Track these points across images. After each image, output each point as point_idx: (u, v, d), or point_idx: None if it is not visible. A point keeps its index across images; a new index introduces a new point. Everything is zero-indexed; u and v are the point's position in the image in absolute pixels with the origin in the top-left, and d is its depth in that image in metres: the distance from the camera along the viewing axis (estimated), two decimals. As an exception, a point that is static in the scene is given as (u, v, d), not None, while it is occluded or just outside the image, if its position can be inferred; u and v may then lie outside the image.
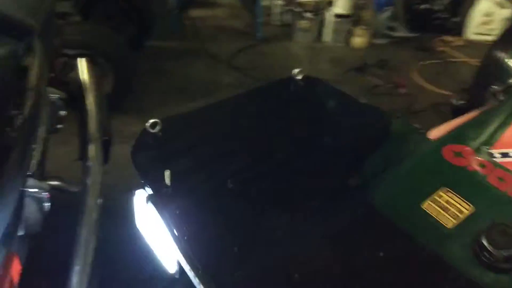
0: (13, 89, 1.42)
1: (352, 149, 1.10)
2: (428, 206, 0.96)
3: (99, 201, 1.34)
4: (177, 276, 1.01)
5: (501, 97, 1.32)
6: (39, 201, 1.17)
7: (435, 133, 1.21)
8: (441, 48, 4.38)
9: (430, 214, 0.93)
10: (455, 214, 0.92)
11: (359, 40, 4.35)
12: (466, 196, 0.94)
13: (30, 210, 1.19)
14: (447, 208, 0.94)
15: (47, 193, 1.19)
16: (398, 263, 0.86)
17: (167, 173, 0.95)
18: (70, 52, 2.30)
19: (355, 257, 0.86)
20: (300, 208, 0.94)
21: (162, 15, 4.01)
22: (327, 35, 4.43)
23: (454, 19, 4.58)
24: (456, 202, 0.94)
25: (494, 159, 1.02)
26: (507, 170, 0.98)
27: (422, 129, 1.25)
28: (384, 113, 1.25)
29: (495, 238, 0.83)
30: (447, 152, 1.07)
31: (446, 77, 3.86)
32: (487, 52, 2.15)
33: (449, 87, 3.55)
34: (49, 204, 1.19)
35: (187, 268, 0.85)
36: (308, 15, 4.37)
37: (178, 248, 0.88)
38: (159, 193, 0.96)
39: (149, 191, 1.00)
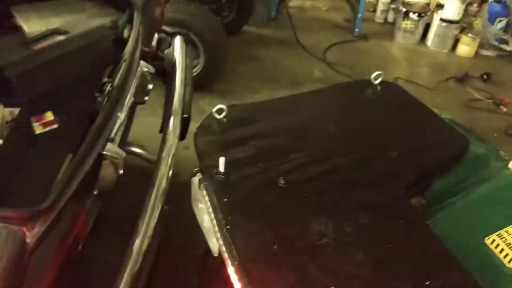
0: (110, 58, 1.53)
1: (419, 167, 1.05)
2: (493, 241, 0.89)
3: (170, 172, 1.42)
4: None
5: None
6: (115, 165, 1.26)
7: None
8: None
9: (491, 250, 0.87)
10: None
11: (464, 48, 4.08)
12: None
13: (106, 172, 1.29)
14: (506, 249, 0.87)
15: (123, 159, 1.28)
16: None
17: (221, 160, 0.97)
18: (168, 29, 2.41)
19: (398, 282, 0.82)
20: (349, 219, 0.92)
21: (262, 2, 4.05)
22: (431, 39, 4.21)
23: None
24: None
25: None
26: None
27: (506, 157, 1.16)
28: (461, 134, 1.16)
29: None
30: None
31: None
32: None
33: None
34: (122, 169, 1.27)
35: (225, 256, 0.87)
36: (414, 15, 4.17)
37: (220, 235, 0.90)
38: (211, 179, 0.98)
39: (203, 175, 1.04)
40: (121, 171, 1.27)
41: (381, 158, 1.06)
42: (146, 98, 1.66)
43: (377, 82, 1.26)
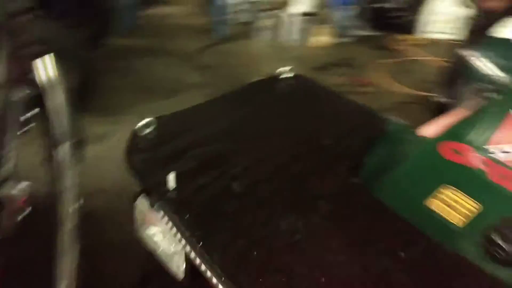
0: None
1: (351, 150, 1.09)
2: (432, 203, 0.97)
3: (78, 203, 1.29)
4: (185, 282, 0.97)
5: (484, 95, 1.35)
6: (14, 205, 1.13)
7: (425, 131, 1.24)
8: (398, 47, 4.51)
9: (436, 212, 0.95)
10: (464, 212, 0.93)
11: (320, 39, 4.40)
12: (471, 194, 0.95)
13: (5, 215, 1.15)
14: (455, 206, 0.95)
15: (23, 197, 1.15)
16: (418, 263, 0.85)
17: (171, 176, 0.91)
18: (31, 49, 2.20)
19: (376, 258, 0.85)
20: (312, 210, 0.92)
21: (122, 11, 3.89)
22: (288, 34, 4.44)
23: (411, 17, 4.71)
24: (463, 200, 0.95)
25: (492, 155, 1.04)
26: (507, 166, 1.01)
27: (413, 127, 1.27)
28: (378, 114, 1.25)
29: (507, 233, 0.85)
30: (445, 150, 1.08)
31: (406, 75, 3.98)
32: (454, 51, 2.22)
33: (412, 85, 3.67)
34: (26, 208, 1.15)
35: (207, 275, 0.82)
36: (268, 13, 4.37)
37: (195, 253, 0.84)
38: (163, 198, 0.92)
39: (150, 196, 0.96)
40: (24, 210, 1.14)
41: (317, 149, 1.09)
42: (30, 126, 1.49)
43: (286, 76, 1.29)
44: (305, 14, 4.35)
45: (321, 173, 1.02)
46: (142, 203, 0.99)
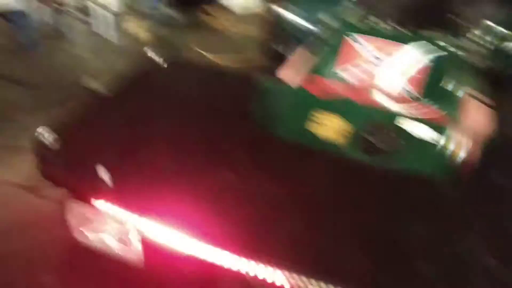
0: None
1: (239, 104, 1.18)
2: (310, 126, 1.13)
3: None
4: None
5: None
6: None
7: (284, 75, 1.41)
8: (210, 20, 4.73)
9: (314, 131, 1.11)
10: (333, 127, 1.12)
11: (136, 30, 4.37)
12: (334, 112, 1.15)
13: None
14: (327, 125, 1.13)
15: None
16: (325, 174, 1.01)
17: (100, 168, 0.91)
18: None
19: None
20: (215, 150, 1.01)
21: None
22: (105, 31, 4.31)
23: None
24: (332, 122, 1.14)
25: (340, 76, 1.25)
26: (351, 82, 1.22)
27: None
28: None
29: (374, 130, 1.06)
30: (306, 84, 1.27)
31: (222, 46, 4.23)
32: (269, 9, 2.43)
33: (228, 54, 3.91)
34: None
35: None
36: (77, 14, 4.16)
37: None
38: (101, 191, 0.91)
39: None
40: None
41: (215, 116, 1.14)
42: None
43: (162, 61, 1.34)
44: (116, 11, 4.24)
45: (219, 123, 1.09)
46: (75, 206, 0.97)
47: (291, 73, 1.39)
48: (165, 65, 1.38)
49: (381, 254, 0.81)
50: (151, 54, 1.44)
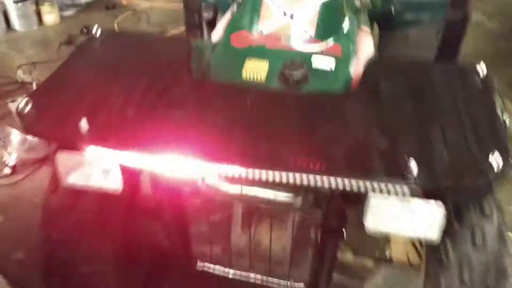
0: None
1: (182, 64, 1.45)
2: (244, 71, 1.45)
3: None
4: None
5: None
6: None
7: (216, 35, 1.71)
8: (123, 1, 4.84)
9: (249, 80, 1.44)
10: (262, 69, 1.45)
11: (49, 17, 4.39)
12: (261, 57, 1.48)
13: None
14: (255, 68, 1.45)
15: None
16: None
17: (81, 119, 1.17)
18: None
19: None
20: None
21: None
22: (16, 23, 4.30)
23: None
24: (259, 63, 1.46)
25: (261, 30, 1.58)
26: (271, 34, 1.56)
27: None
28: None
29: (289, 67, 1.40)
30: (234, 40, 1.58)
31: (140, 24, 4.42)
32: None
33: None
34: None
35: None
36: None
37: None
38: (84, 138, 1.17)
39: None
40: None
41: (162, 72, 1.42)
42: None
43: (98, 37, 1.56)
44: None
45: (166, 77, 1.38)
46: (63, 155, 1.22)
47: (221, 32, 1.70)
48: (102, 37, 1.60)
49: (304, 143, 1.16)
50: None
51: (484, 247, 1.40)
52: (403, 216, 1.15)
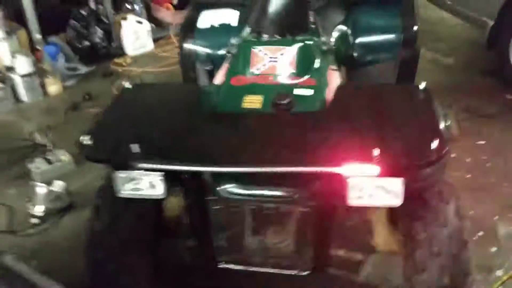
0: None
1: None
2: (245, 104, 1.90)
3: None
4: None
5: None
6: None
7: (217, 80, 2.17)
8: (119, 69, 5.37)
9: (248, 107, 1.88)
10: (258, 100, 1.90)
11: (53, 88, 4.85)
12: (256, 93, 1.93)
13: None
14: (253, 100, 1.91)
15: None
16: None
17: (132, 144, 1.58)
18: None
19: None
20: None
21: None
22: (23, 95, 4.73)
23: (114, 44, 5.60)
24: (255, 98, 1.92)
25: (253, 72, 2.05)
26: (261, 74, 2.03)
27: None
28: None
29: (279, 97, 1.85)
30: (233, 82, 2.04)
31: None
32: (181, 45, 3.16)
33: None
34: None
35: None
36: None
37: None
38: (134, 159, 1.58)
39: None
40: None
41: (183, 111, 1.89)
42: None
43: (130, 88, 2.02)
44: (26, 75, 4.68)
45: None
46: (119, 174, 1.62)
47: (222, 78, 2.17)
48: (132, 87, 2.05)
49: (297, 145, 1.60)
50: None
51: (446, 225, 1.81)
52: (375, 191, 1.56)
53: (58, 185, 3.15)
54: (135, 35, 5.66)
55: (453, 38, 5.43)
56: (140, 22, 5.69)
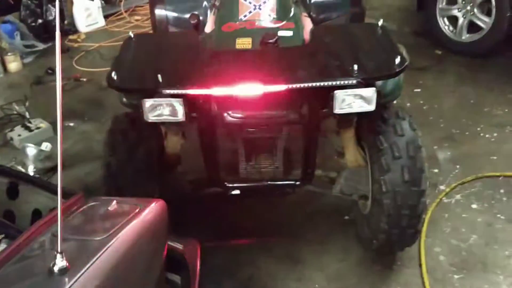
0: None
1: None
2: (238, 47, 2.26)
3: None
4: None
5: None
6: None
7: (208, 29, 2.51)
8: (74, 44, 5.48)
9: (241, 50, 2.25)
10: (247, 42, 2.27)
11: (13, 65, 4.91)
12: (246, 36, 2.30)
13: None
14: (244, 42, 2.27)
15: None
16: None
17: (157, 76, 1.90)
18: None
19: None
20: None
21: None
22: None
23: (66, 21, 5.68)
24: (246, 41, 2.28)
25: (242, 19, 2.41)
26: (248, 20, 2.40)
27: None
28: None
29: (267, 36, 2.22)
30: (224, 28, 2.39)
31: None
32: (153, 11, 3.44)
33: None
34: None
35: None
36: None
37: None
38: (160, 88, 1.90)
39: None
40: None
41: (187, 49, 2.22)
42: None
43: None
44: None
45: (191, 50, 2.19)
46: (146, 101, 1.93)
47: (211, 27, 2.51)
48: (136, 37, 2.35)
49: (287, 69, 2.00)
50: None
51: (403, 135, 2.28)
52: (355, 100, 2.00)
53: (46, 146, 3.34)
54: (87, 12, 5.78)
55: (387, 6, 6.01)
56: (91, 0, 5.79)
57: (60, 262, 1.17)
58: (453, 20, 4.78)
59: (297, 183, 2.39)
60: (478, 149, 3.58)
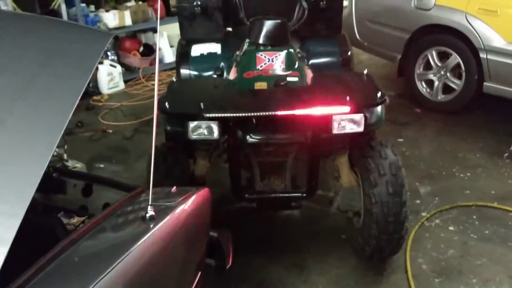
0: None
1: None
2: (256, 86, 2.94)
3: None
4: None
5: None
6: None
7: (231, 76, 3.20)
8: (99, 103, 6.19)
9: (260, 89, 2.92)
10: (263, 85, 2.94)
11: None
12: (263, 81, 2.98)
13: None
14: (261, 85, 2.95)
15: None
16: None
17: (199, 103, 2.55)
18: None
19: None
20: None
21: None
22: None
23: (90, 84, 6.42)
24: (263, 84, 2.95)
25: (259, 69, 3.11)
26: (264, 69, 3.10)
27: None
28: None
29: (278, 80, 2.90)
30: (245, 76, 3.08)
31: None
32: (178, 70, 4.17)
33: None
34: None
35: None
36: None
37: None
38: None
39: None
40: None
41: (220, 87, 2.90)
42: None
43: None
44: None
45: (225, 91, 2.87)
46: (191, 123, 2.56)
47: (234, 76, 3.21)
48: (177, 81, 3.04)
49: (294, 103, 2.66)
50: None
51: (387, 158, 2.91)
52: (347, 123, 2.65)
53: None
54: (109, 76, 6.55)
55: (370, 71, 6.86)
56: (114, 66, 6.60)
57: (150, 211, 1.71)
58: (430, 83, 5.57)
59: (304, 195, 2.97)
60: (454, 185, 4.19)
